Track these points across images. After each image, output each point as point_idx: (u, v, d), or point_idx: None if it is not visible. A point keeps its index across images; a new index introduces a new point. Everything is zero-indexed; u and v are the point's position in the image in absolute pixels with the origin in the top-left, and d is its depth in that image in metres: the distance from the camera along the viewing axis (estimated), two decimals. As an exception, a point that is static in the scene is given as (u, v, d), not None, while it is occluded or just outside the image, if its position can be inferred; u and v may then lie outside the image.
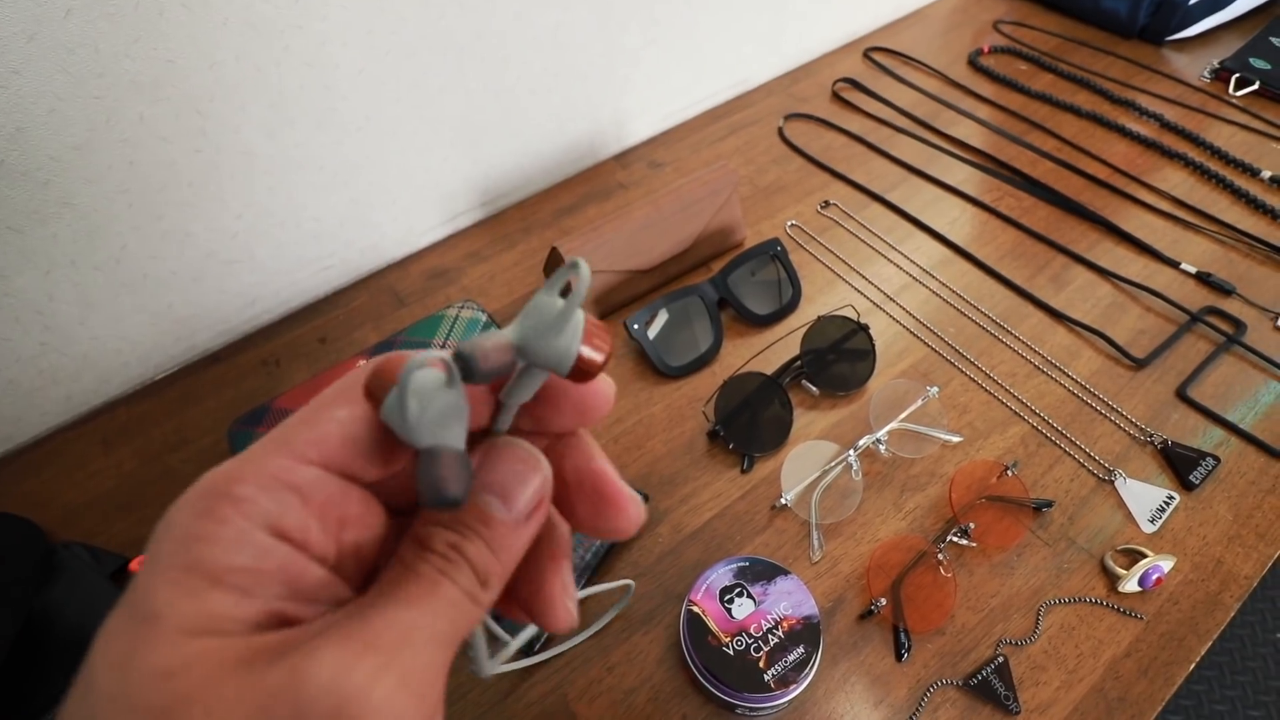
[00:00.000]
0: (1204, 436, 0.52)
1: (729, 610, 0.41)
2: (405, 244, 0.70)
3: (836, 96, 0.84)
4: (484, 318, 0.60)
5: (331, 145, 0.60)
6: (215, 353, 0.65)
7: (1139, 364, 0.56)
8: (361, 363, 0.60)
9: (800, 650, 0.40)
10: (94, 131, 0.49)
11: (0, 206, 0.48)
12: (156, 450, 0.58)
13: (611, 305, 0.63)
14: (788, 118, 0.81)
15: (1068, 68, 0.85)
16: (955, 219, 0.69)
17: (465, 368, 0.16)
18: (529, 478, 0.18)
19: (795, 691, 0.39)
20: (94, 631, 0.46)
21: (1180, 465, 0.50)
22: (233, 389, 0.62)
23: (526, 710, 0.43)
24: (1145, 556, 0.45)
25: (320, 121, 0.58)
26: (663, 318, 0.59)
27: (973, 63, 0.87)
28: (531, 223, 0.73)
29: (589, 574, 0.46)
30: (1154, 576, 0.44)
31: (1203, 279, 0.62)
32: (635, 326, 0.58)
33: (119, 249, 0.55)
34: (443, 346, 0.57)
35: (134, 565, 0.49)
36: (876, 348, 0.57)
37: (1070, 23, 0.92)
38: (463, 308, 0.60)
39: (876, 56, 0.88)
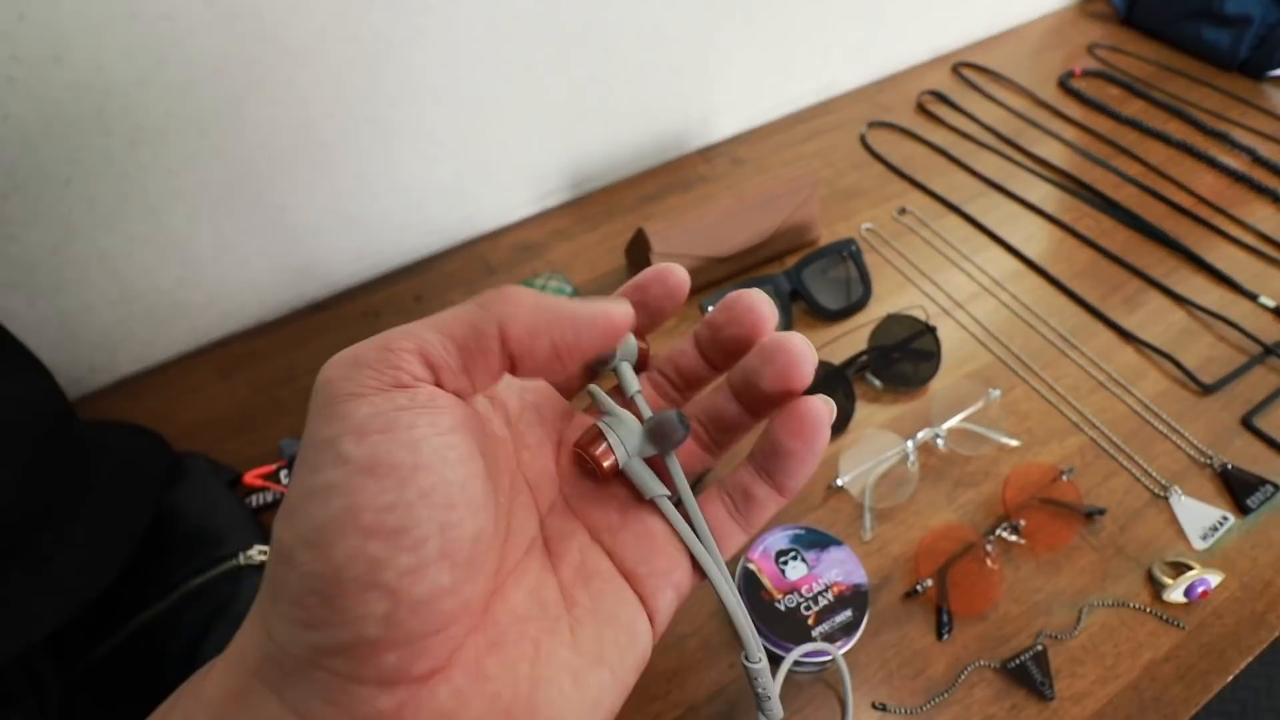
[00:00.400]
0: (1267, 466, 0.53)
1: (783, 570, 0.44)
2: (498, 217, 0.75)
3: (921, 108, 0.86)
4: (570, 289, 0.64)
5: (445, 120, 0.65)
6: (321, 302, 0.71)
7: (1206, 389, 0.57)
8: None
9: (848, 614, 0.42)
10: (249, 90, 0.55)
11: (165, 151, 0.55)
12: (266, 382, 0.64)
13: (689, 289, 0.66)
14: (871, 125, 0.83)
15: (1161, 95, 0.84)
16: (1031, 235, 0.70)
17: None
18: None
19: (841, 650, 0.42)
20: (214, 528, 0.52)
21: (1238, 488, 0.51)
22: (336, 335, 0.68)
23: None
24: (1192, 569, 0.46)
25: (439, 98, 0.63)
26: (736, 303, 0.63)
27: (1063, 84, 0.87)
28: (615, 207, 0.77)
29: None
30: (1200, 589, 0.45)
31: (1281, 313, 0.62)
32: (710, 309, 0.61)
33: (254, 198, 0.62)
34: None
35: (247, 478, 0.55)
36: (942, 349, 0.59)
37: (1169, 51, 0.91)
38: (551, 278, 0.65)
39: (965, 72, 0.89)
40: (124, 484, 0.49)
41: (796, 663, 0.43)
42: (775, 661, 0.44)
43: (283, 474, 0.55)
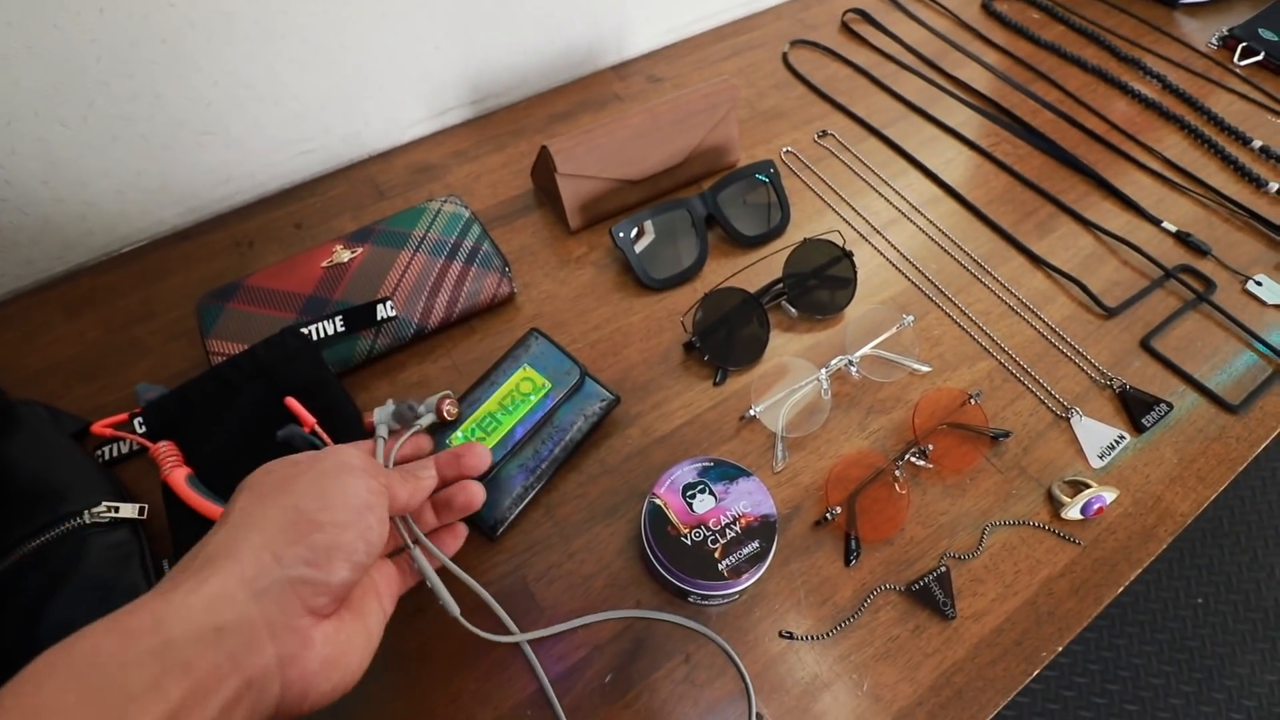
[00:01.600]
0: (1162, 386, 0.54)
1: (690, 504, 0.42)
2: (389, 136, 0.68)
3: (845, 27, 0.82)
4: (467, 213, 0.58)
5: (318, 17, 0.57)
6: (185, 230, 0.63)
7: (1109, 313, 0.58)
8: (338, 247, 0.58)
9: (755, 545, 0.41)
10: (61, -32, 0.46)
11: (-43, 40, 0.46)
12: (122, 321, 0.57)
13: (599, 214, 0.62)
14: (793, 44, 0.79)
15: (1080, 20, 0.83)
16: (950, 160, 0.69)
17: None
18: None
19: (747, 582, 0.41)
20: (51, 484, 0.47)
21: (1135, 408, 0.52)
22: (202, 267, 0.60)
23: (487, 586, 0.44)
24: (1089, 487, 0.47)
25: (306, -12, 0.55)
26: (649, 229, 0.59)
27: (986, 7, 0.85)
28: (522, 126, 0.71)
29: (547, 478, 0.47)
30: (1096, 505, 0.46)
31: (1181, 238, 0.63)
32: (621, 235, 0.57)
33: (86, 105, 0.53)
34: (422, 239, 0.56)
35: (95, 428, 0.48)
36: (858, 276, 0.57)
37: (1087, -25, 0.90)
38: (446, 202, 0.59)
39: (889, -11, 0.86)
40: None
41: (703, 596, 0.41)
42: (681, 596, 0.43)
43: (137, 422, 0.49)
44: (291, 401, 0.47)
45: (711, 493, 0.43)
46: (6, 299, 0.58)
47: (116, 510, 0.44)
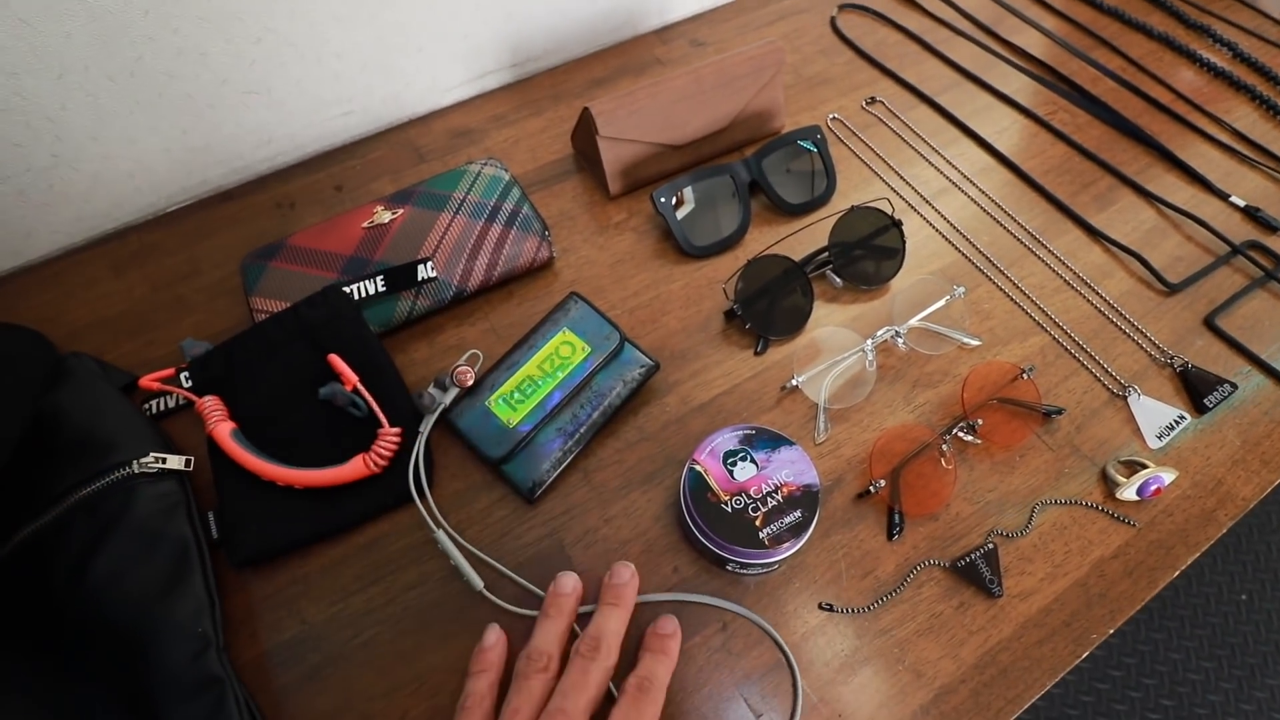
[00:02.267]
0: (1226, 366, 0.52)
1: (731, 472, 0.42)
2: (429, 99, 0.68)
3: (895, -9, 0.79)
4: (507, 176, 0.58)
5: (360, -26, 0.57)
6: (229, 190, 0.63)
7: (1171, 289, 0.55)
8: (379, 209, 0.58)
9: (797, 514, 0.40)
10: (110, -81, 0.46)
11: (11, -6, 0.46)
12: (168, 279, 0.57)
13: (640, 179, 0.61)
14: (841, 8, 0.76)
15: (1145, -16, 0.79)
16: (1005, 128, 0.66)
17: None
18: None
19: (788, 552, 0.40)
20: (100, 434, 0.47)
21: (1197, 388, 0.50)
22: (246, 227, 0.60)
23: (523, 549, 0.44)
24: (1147, 468, 0.45)
25: (349, -56, 0.55)
26: (691, 195, 0.57)
27: (1045, -31, 0.81)
28: (562, 91, 0.70)
29: (585, 443, 0.47)
30: (1153, 487, 0.44)
31: (1250, 213, 0.60)
32: (662, 200, 0.56)
33: (133, 60, 0.53)
34: (462, 201, 0.55)
35: (143, 382, 0.49)
36: (907, 246, 0.56)
37: (1156, -64, 0.85)
38: (486, 164, 0.58)
39: (944, -48, 0.82)
40: (-12, 383, 0.43)
41: (742, 564, 0.41)
42: (720, 564, 0.42)
43: (183, 376, 0.49)
44: (335, 359, 0.47)
45: (753, 460, 0.42)
46: (57, 255, 0.59)
47: (164, 461, 0.44)
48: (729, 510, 0.40)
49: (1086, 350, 0.52)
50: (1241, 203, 0.60)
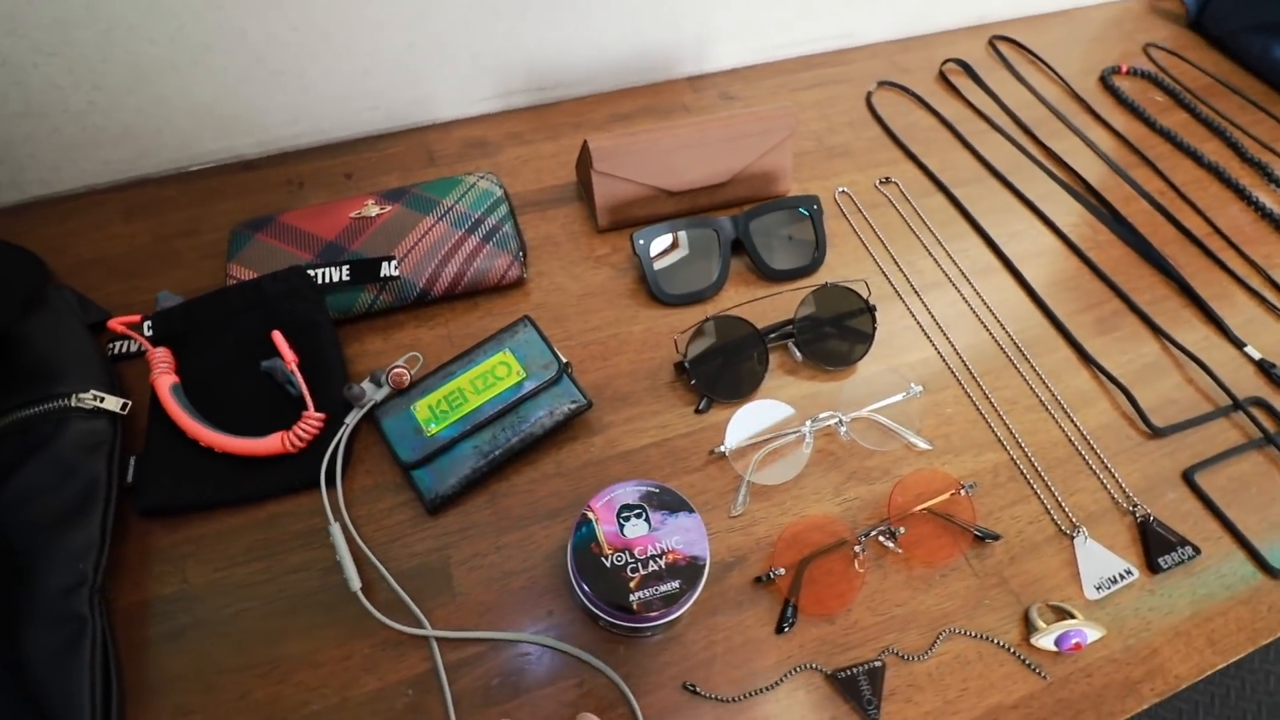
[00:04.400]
0: (1194, 527, 0.48)
1: (621, 526, 0.40)
2: (454, 108, 0.70)
3: (942, 77, 0.77)
4: (498, 193, 0.59)
5: (400, -20, 0.59)
6: (250, 160, 0.66)
7: (1155, 432, 0.51)
8: (369, 202, 0.58)
9: (674, 584, 0.39)
10: (171, -102, 0.49)
11: (71, -51, 0.50)
12: (169, 232, 0.60)
13: (629, 218, 0.61)
14: (880, 84, 0.75)
15: (1207, 111, 0.76)
16: (1018, 232, 0.64)
17: None
18: None
19: (656, 621, 0.38)
20: (54, 364, 0.49)
21: (1154, 544, 0.46)
22: (254, 198, 0.63)
23: (410, 558, 0.44)
24: (1074, 618, 0.42)
25: (393, -49, 0.57)
26: (671, 242, 0.57)
27: (1104, 80, 0.78)
28: (583, 121, 0.71)
29: (498, 466, 0.46)
30: (1073, 640, 0.41)
31: (1265, 368, 0.55)
32: (640, 242, 0.56)
33: (176, 28, 0.56)
34: (449, 209, 0.57)
35: (111, 323, 0.51)
36: (878, 334, 0.54)
37: (1230, 65, 0.81)
38: (482, 178, 0.60)
39: (1001, 46, 0.81)
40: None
41: (610, 623, 0.39)
42: (593, 618, 0.41)
43: (146, 325, 0.51)
44: (278, 336, 0.48)
45: (648, 520, 0.41)
46: (80, 191, 0.63)
47: (101, 400, 0.46)
48: (608, 565, 0.39)
49: (1044, 478, 0.49)
50: (1257, 355, 0.56)
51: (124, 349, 0.52)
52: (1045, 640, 0.41)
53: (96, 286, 0.56)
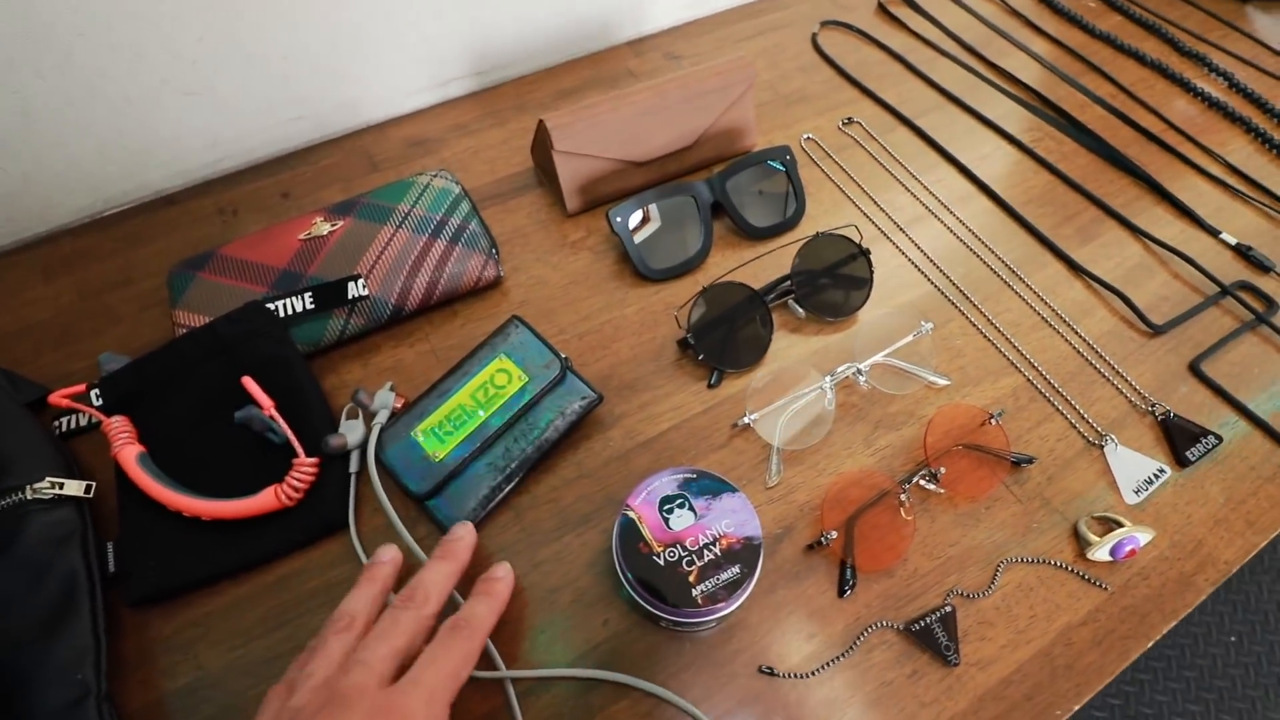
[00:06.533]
0: (1210, 415, 0.48)
1: (666, 520, 0.38)
2: (386, 105, 0.65)
3: (882, 9, 0.76)
4: (457, 189, 0.55)
5: (309, -27, 0.54)
6: (170, 195, 0.60)
7: (1155, 330, 0.52)
8: (318, 220, 0.54)
9: (735, 570, 0.37)
10: (30, -93, 0.43)
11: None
12: (97, 287, 0.54)
13: (600, 196, 0.58)
14: (824, 24, 0.74)
15: (1140, 11, 0.77)
16: (986, 155, 0.63)
17: None
18: None
19: (723, 611, 0.37)
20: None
21: (1178, 439, 0.46)
22: (184, 234, 0.57)
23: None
24: (1122, 526, 0.42)
25: (297, -59, 0.52)
26: (649, 215, 0.54)
27: (1037, -9, 0.78)
28: (527, 102, 0.67)
29: (517, 479, 0.43)
30: (1127, 547, 0.41)
31: (1241, 252, 0.57)
32: (618, 220, 0.53)
33: (63, 56, 0.50)
34: (406, 215, 0.52)
35: (52, 399, 0.46)
36: (875, 277, 0.52)
37: (1153, -38, 0.83)
38: (435, 176, 0.55)
39: (932, -30, 0.80)
40: None
41: (674, 622, 0.37)
42: (652, 620, 0.39)
43: (94, 394, 0.46)
44: (248, 381, 0.44)
45: (691, 508, 0.39)
46: (-17, 258, 0.56)
47: (61, 487, 0.41)
48: (661, 563, 0.37)
49: (1062, 394, 0.49)
50: (1233, 240, 0.57)
51: (74, 424, 0.47)
52: (1101, 552, 0.41)
53: (27, 360, 0.50)
